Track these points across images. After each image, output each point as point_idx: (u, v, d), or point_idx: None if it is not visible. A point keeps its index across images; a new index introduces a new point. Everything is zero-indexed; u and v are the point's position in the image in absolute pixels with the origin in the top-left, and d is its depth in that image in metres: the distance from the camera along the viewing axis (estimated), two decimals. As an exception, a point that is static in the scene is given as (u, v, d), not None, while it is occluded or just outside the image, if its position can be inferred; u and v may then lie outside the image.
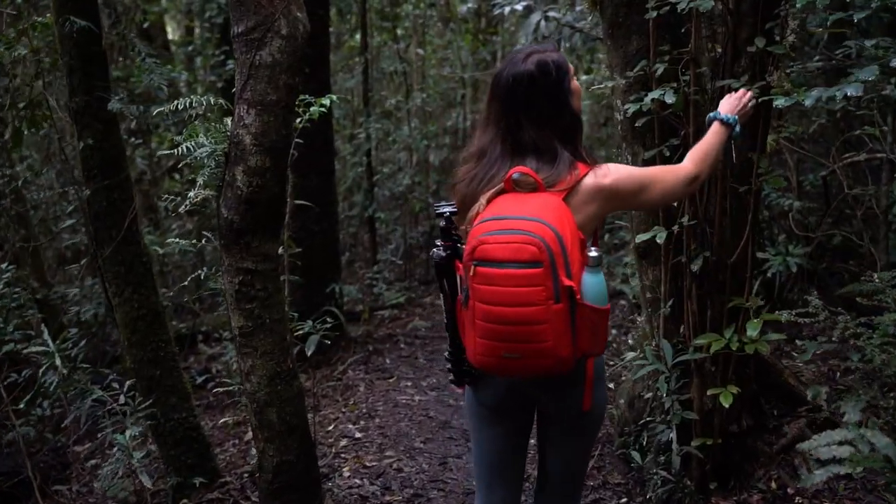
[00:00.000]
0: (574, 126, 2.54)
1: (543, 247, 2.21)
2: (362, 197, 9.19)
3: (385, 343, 7.15)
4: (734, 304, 3.52)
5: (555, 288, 2.23)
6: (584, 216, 2.44)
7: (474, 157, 2.58)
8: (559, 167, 2.43)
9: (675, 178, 2.60)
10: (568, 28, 6.26)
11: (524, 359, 2.29)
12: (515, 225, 2.26)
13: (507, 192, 2.42)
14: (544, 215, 2.27)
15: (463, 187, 2.54)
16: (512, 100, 2.47)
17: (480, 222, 2.33)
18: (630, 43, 3.77)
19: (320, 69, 6.75)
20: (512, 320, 2.25)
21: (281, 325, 3.73)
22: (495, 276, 2.25)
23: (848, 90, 2.53)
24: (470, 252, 2.30)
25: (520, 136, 2.47)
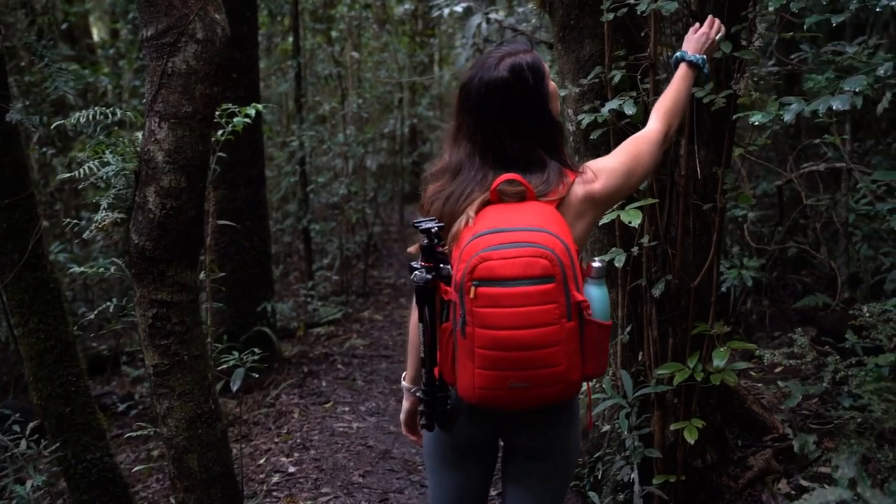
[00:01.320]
0: (556, 131, 2.31)
1: (555, 259, 2.00)
2: (296, 207, 8.77)
3: (321, 364, 6.76)
4: (698, 330, 3.25)
5: (567, 304, 2.03)
6: (580, 230, 2.27)
7: (448, 173, 2.32)
8: (549, 177, 2.22)
9: (650, 146, 2.39)
10: (511, 31, 5.96)
11: (533, 387, 2.06)
12: (520, 237, 2.04)
13: (493, 202, 2.18)
14: (547, 224, 2.07)
15: (439, 206, 2.27)
16: (486, 111, 2.23)
17: (475, 237, 2.08)
18: (582, 47, 3.48)
19: (249, 74, 6.35)
20: (524, 344, 2.02)
21: (201, 361, 3.35)
22: (502, 297, 2.01)
23: (834, 103, 2.26)
24: (469, 271, 2.04)
25: (501, 149, 2.24)
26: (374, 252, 10.96)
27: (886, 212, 4.31)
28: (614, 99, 3.14)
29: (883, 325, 2.41)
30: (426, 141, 14.35)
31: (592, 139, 3.33)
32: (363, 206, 10.07)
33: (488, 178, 2.24)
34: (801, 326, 5.21)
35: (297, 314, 8.22)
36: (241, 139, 6.08)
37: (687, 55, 2.60)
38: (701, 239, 3.32)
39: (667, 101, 2.52)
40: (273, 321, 6.64)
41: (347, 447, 5.09)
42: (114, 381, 7.33)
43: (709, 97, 3.03)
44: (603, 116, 3.19)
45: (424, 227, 2.20)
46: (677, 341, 3.37)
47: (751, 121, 2.50)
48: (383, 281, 9.88)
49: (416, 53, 12.47)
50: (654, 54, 3.19)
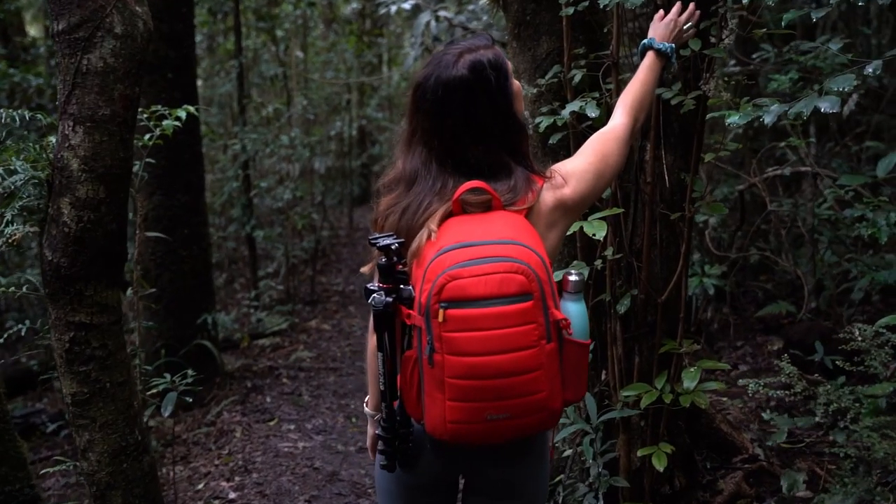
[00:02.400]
0: (521, 134, 2.10)
1: (532, 274, 1.81)
2: (240, 212, 8.42)
3: (265, 378, 6.44)
4: (666, 348, 3.03)
5: (546, 324, 1.84)
6: (552, 241, 2.09)
7: (402, 183, 2.09)
8: (516, 184, 2.02)
9: (618, 143, 2.21)
10: (460, 29, 5.72)
11: (513, 418, 1.86)
12: (491, 251, 1.83)
13: (456, 214, 1.98)
14: (518, 236, 1.88)
15: (395, 220, 2.05)
16: (444, 114, 2.02)
17: (440, 253, 1.86)
18: (539, 45, 3.25)
19: (185, 74, 6.01)
20: (502, 371, 1.81)
21: (126, 388, 3.05)
22: (475, 318, 1.80)
23: (822, 105, 2.05)
24: (436, 292, 1.82)
25: (461, 154, 2.03)
26: (322, 257, 10.63)
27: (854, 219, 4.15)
28: (575, 100, 2.91)
29: (877, 350, 2.21)
30: (375, 143, 14.07)
31: (551, 143, 3.09)
32: (310, 211, 9.74)
33: (448, 188, 2.02)
34: (765, 336, 5.06)
35: (241, 324, 7.87)
36: (178, 143, 5.77)
37: (654, 43, 2.42)
38: (668, 251, 3.10)
39: (632, 93, 2.34)
40: (215, 333, 6.30)
41: (292, 469, 4.79)
42: (45, 397, 6.92)
43: (677, 98, 2.81)
44: (563, 119, 2.96)
45: (383, 244, 1.96)
46: (643, 360, 3.15)
47: (728, 122, 2.28)
48: (332, 288, 9.57)
49: (363, 53, 12.17)
50: (617, 52, 2.96)
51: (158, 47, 5.68)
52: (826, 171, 4.39)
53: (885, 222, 3.67)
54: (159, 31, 5.69)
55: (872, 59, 2.09)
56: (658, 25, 2.49)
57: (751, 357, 4.81)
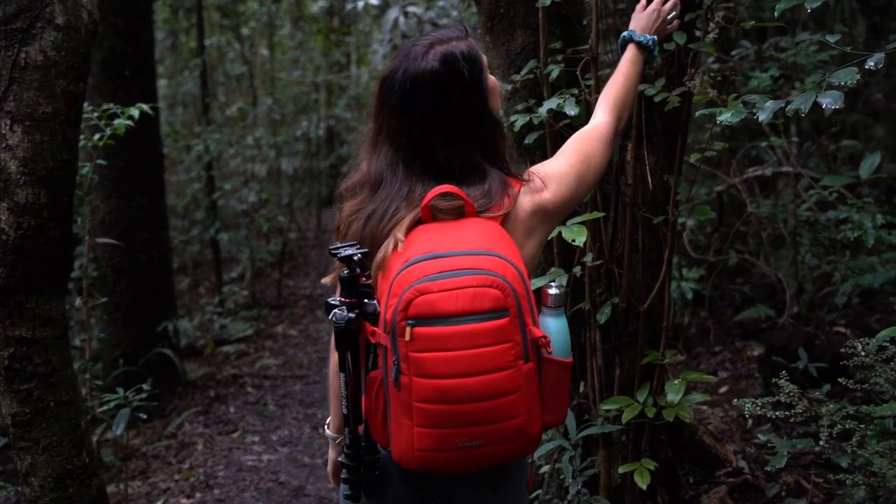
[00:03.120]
0: (497, 133, 1.92)
1: (508, 288, 1.64)
2: (203, 214, 8.17)
3: (229, 387, 6.21)
4: (649, 359, 2.87)
5: (524, 342, 1.67)
6: (530, 249, 1.91)
7: (366, 187, 1.91)
8: (491, 188, 1.84)
9: (601, 143, 2.04)
10: (430, 25, 5.53)
11: (488, 445, 1.69)
12: (463, 263, 1.67)
13: (425, 221, 1.80)
14: (493, 246, 1.71)
15: (359, 227, 1.87)
16: (413, 110, 1.84)
17: (408, 265, 1.69)
18: (513, 39, 3.07)
19: (144, 72, 5.78)
20: (475, 395, 1.65)
21: (72, 407, 2.84)
22: (445, 337, 1.63)
23: (824, 100, 1.89)
24: (402, 308, 1.64)
25: (430, 155, 1.85)
26: (289, 260, 10.40)
27: (837, 221, 4.03)
28: (552, 97, 2.74)
29: (882, 365, 2.06)
30: (344, 143, 13.84)
31: (527, 143, 2.92)
32: (276, 214, 9.51)
33: (416, 192, 1.84)
34: (744, 340, 4.93)
35: (205, 330, 7.63)
36: (136, 143, 5.55)
37: (635, 35, 2.26)
38: (651, 256, 2.94)
39: (615, 90, 2.17)
40: (176, 341, 6.08)
41: (256, 484, 4.58)
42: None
43: (660, 95, 2.65)
44: (539, 117, 2.78)
45: (345, 254, 1.77)
46: (624, 371, 2.99)
47: (718, 120, 2.12)
48: (299, 291, 9.34)
49: (331, 52, 11.95)
50: (597, 47, 2.80)
51: (115, 44, 5.46)
52: (809, 172, 4.27)
53: (871, 224, 3.55)
54: (115, 28, 5.48)
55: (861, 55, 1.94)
56: (639, 16, 2.33)
57: (730, 363, 4.68)
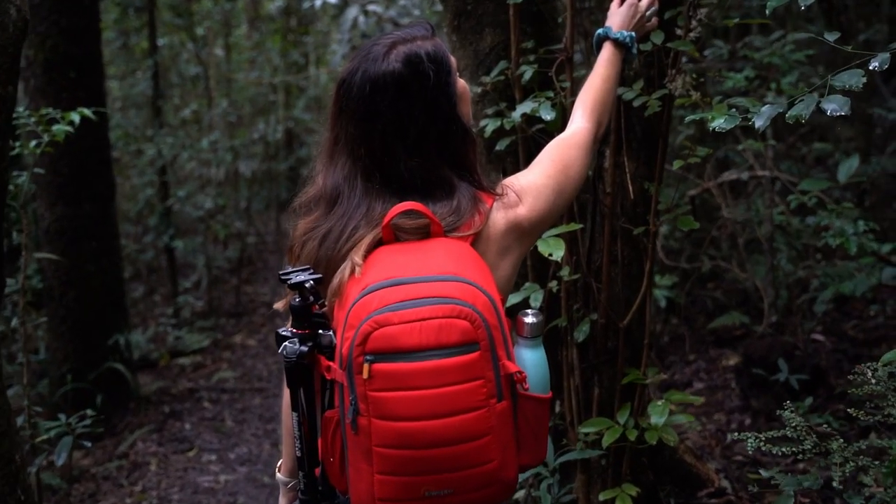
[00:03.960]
0: (467, 142, 1.73)
1: (478, 318, 1.47)
2: (157, 220, 7.87)
3: (185, 402, 5.95)
4: (629, 378, 2.70)
5: (497, 378, 1.49)
6: (504, 272, 1.73)
7: (322, 202, 1.73)
8: (460, 204, 1.66)
9: (580, 151, 1.87)
10: (391, 24, 5.33)
11: (458, 494, 1.52)
12: (428, 290, 1.49)
13: (387, 242, 1.62)
14: (463, 270, 1.53)
15: (313, 248, 1.69)
16: (372, 116, 1.66)
17: (366, 292, 1.51)
18: (482, 38, 2.89)
19: (91, 73, 5.49)
20: (441, 439, 1.47)
21: (4, 441, 2.60)
22: (408, 375, 1.46)
23: (829, 106, 1.72)
24: (360, 341, 1.46)
25: (392, 168, 1.67)
26: (248, 265, 10.12)
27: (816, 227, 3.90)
28: (526, 100, 2.55)
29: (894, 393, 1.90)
30: (303, 144, 13.57)
31: (498, 150, 2.74)
32: (233, 219, 9.23)
33: (377, 209, 1.65)
34: (718, 349, 4.79)
35: (160, 341, 7.33)
36: (82, 148, 5.28)
37: (611, 32, 2.09)
38: (630, 269, 2.77)
39: (593, 92, 2.00)
40: (128, 355, 5.79)
41: (213, 507, 4.35)
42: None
43: (640, 99, 2.48)
44: (512, 122, 2.60)
45: (296, 281, 1.58)
46: (604, 391, 2.82)
47: (710, 126, 1.94)
48: (258, 298, 9.06)
49: (289, 53, 11.68)
50: (571, 46, 2.62)
51: (58, 43, 5.18)
52: (786, 176, 4.14)
53: (852, 231, 3.41)
54: (58, 26, 5.20)
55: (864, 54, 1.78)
56: (615, 13, 2.16)
57: (705, 373, 4.54)
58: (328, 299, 1.61)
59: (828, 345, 4.31)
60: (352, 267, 1.57)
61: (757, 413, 3.82)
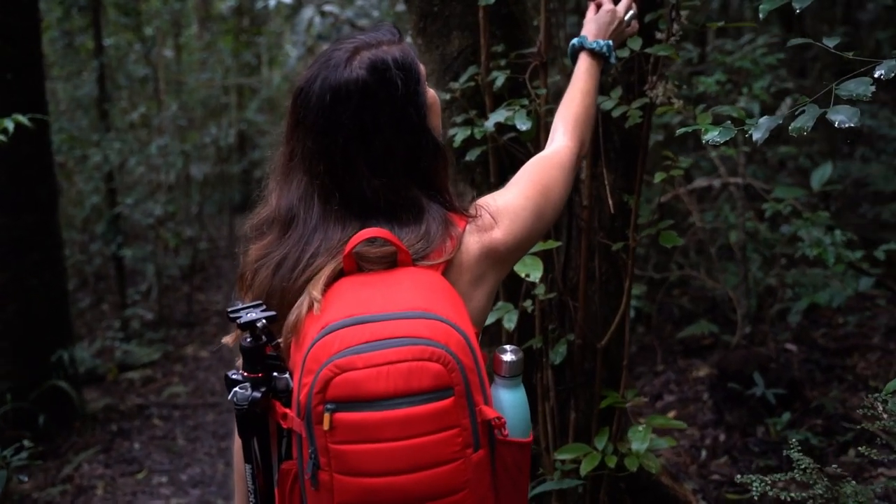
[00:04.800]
0: (437, 159, 1.57)
1: (452, 360, 1.31)
2: (104, 228, 7.57)
3: (134, 419, 5.68)
4: (608, 402, 2.55)
5: (473, 426, 1.34)
6: (479, 302, 1.57)
7: (276, 225, 1.57)
8: (430, 228, 1.50)
9: (563, 172, 1.73)
10: (348, 26, 5.14)
11: None
12: (395, 329, 1.32)
13: (349, 273, 1.45)
14: (433, 304, 1.36)
15: (266, 277, 1.52)
16: (333, 129, 1.49)
17: (326, 332, 1.33)
18: (449, 42, 2.72)
19: (31, 75, 5.20)
20: (414, 496, 1.32)
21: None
22: (374, 426, 1.30)
23: (836, 117, 1.58)
24: (319, 388, 1.29)
25: (354, 187, 1.50)
26: (200, 272, 9.84)
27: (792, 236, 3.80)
28: (499, 108, 2.39)
29: (909, 429, 1.78)
30: (256, 147, 13.30)
31: (468, 160, 2.57)
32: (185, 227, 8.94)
33: (336, 235, 1.49)
34: (687, 359, 4.68)
35: (108, 353, 7.04)
36: (21, 154, 5.00)
37: (587, 41, 1.94)
38: (608, 286, 2.63)
39: (574, 108, 1.85)
40: (73, 371, 5.51)
41: (164, 535, 4.13)
42: None
43: (619, 109, 2.34)
44: (483, 131, 2.44)
45: (246, 320, 1.40)
46: (580, 415, 2.67)
47: (704, 139, 1.79)
48: (211, 307, 8.80)
49: (241, 53, 11.42)
50: (546, 50, 2.46)
51: (-7, 44, 4.91)
52: (759, 184, 4.04)
53: (829, 241, 3.31)
54: (-8, 26, 4.93)
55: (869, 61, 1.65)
56: (591, 20, 2.01)
57: (675, 384, 4.42)
58: (284, 337, 1.44)
59: (798, 354, 4.22)
60: (310, 302, 1.40)
61: (731, 428, 3.71)
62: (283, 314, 1.45)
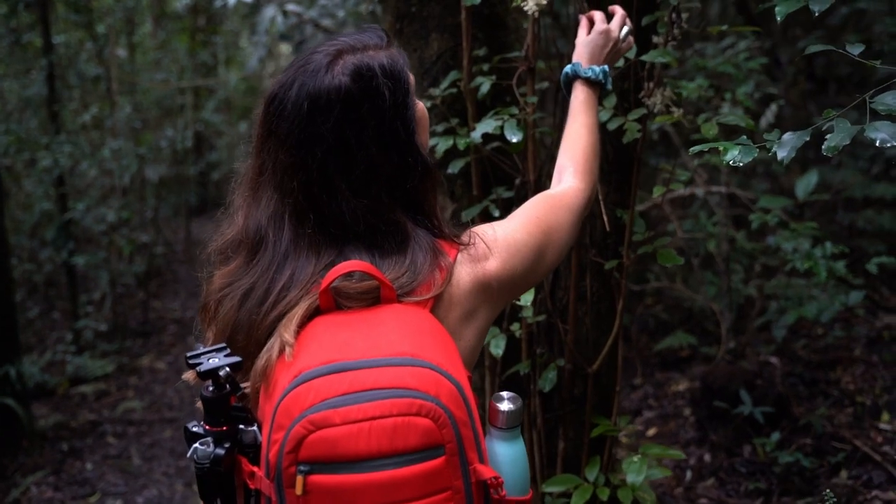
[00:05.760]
0: (426, 180, 1.40)
1: (443, 415, 1.15)
2: (54, 234, 7.26)
3: (86, 437, 5.41)
4: (599, 430, 2.39)
5: (466, 487, 1.18)
6: (470, 340, 1.39)
7: (242, 249, 1.40)
8: (416, 258, 1.34)
9: (571, 216, 1.57)
10: (312, 26, 4.93)
11: None
12: (378, 379, 1.15)
13: (325, 311, 1.27)
14: (420, 348, 1.19)
15: (231, 310, 1.35)
16: (309, 142, 1.32)
17: (299, 382, 1.16)
18: (428, 45, 2.55)
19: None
20: None
21: None
22: (354, 490, 1.14)
23: (877, 136, 1.42)
24: (290, 448, 1.13)
25: (331, 208, 1.33)
26: (156, 277, 9.53)
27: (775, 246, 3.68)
28: (486, 118, 2.21)
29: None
30: (213, 148, 12.99)
31: (450, 172, 2.39)
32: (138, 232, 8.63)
33: (311, 264, 1.32)
34: (664, 371, 4.55)
35: (58, 366, 6.73)
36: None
37: (581, 69, 1.76)
38: (600, 307, 2.47)
39: (581, 145, 1.68)
40: (20, 387, 5.23)
41: (118, 564, 3.89)
42: None
43: (615, 122, 2.18)
44: (468, 142, 2.26)
45: (207, 368, 1.21)
46: (569, 444, 2.51)
47: (725, 160, 1.63)
48: (167, 315, 8.51)
49: (198, 53, 11.12)
50: (534, 54, 2.29)
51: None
52: (745, 193, 3.92)
53: (820, 254, 3.19)
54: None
55: None
56: (584, 42, 1.81)
57: (654, 399, 4.28)
58: (252, 382, 1.26)
59: (781, 367, 4.10)
60: (281, 346, 1.23)
61: (716, 447, 3.57)
62: (249, 353, 1.28)
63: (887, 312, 4.45)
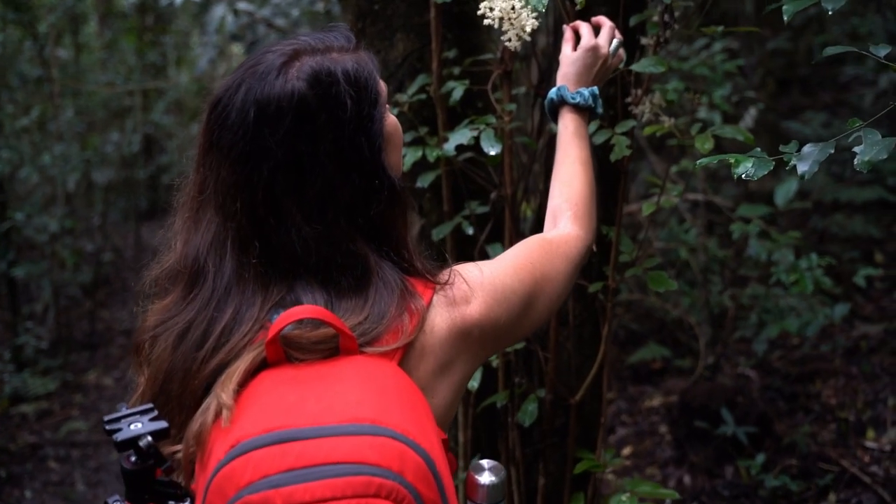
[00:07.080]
0: (394, 205, 1.21)
1: (408, 496, 0.96)
2: (-7, 244, 6.91)
3: (25, 462, 5.08)
4: (584, 466, 2.19)
5: None
6: (444, 397, 1.19)
7: (179, 280, 1.21)
8: (380, 300, 1.15)
9: (568, 265, 1.40)
10: (264, 25, 4.68)
11: None
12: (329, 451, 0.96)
13: (273, 365, 1.07)
14: (384, 412, 1.00)
15: (165, 351, 1.16)
16: (257, 156, 1.13)
17: (237, 453, 0.97)
18: (393, 46, 2.33)
19: None
20: None
21: None
22: None
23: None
24: None
25: (279, 236, 1.14)
26: (104, 286, 9.16)
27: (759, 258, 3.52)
28: (460, 127, 2.00)
29: None
30: (164, 151, 12.63)
31: (419, 186, 2.18)
32: (84, 241, 8.28)
33: (257, 302, 1.13)
34: (637, 385, 4.40)
35: (-3, 383, 6.39)
36: None
37: (568, 94, 1.59)
38: (582, 332, 2.28)
39: (577, 185, 1.51)
40: (-46, 409, 4.92)
41: None
42: None
43: (602, 135, 1.98)
44: (440, 154, 2.05)
45: (125, 437, 1.02)
46: (550, 480, 2.31)
47: (735, 173, 1.44)
48: (115, 326, 8.15)
49: (146, 53, 10.76)
50: (511, 57, 2.09)
51: None
52: (723, 202, 3.77)
53: (806, 266, 3.03)
54: None
55: None
56: (569, 62, 1.64)
57: (628, 415, 4.11)
58: (184, 448, 1.05)
59: (758, 381, 3.95)
60: (217, 409, 1.02)
61: (695, 468, 3.40)
62: (185, 406, 1.10)
63: (864, 321, 4.33)
